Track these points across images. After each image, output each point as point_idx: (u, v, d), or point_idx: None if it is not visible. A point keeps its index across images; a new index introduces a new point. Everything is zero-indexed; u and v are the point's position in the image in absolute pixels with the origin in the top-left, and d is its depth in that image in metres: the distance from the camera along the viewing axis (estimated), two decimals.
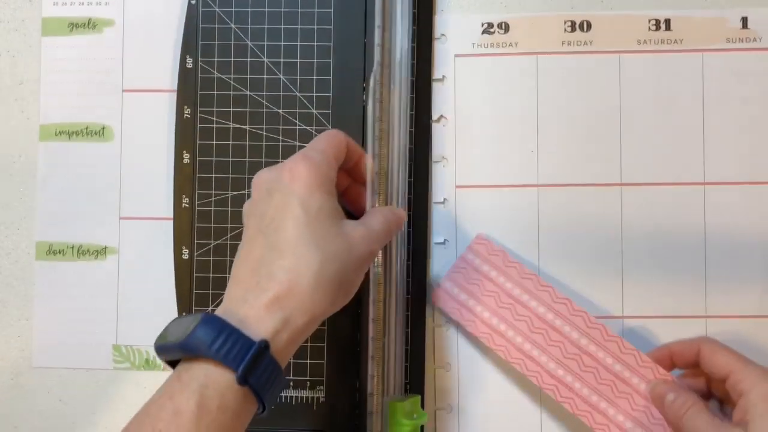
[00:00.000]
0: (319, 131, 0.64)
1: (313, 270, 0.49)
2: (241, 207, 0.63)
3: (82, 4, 0.67)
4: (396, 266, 0.59)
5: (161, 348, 0.49)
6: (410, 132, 0.64)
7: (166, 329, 0.50)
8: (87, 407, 0.66)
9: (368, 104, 0.58)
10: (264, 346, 0.47)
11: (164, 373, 0.65)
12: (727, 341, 0.58)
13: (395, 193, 0.59)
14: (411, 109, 0.63)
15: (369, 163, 0.58)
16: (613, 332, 0.60)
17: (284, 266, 0.49)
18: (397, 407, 0.58)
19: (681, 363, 0.59)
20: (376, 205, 0.57)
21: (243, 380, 0.46)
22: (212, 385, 0.46)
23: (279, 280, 0.48)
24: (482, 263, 0.62)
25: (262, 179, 0.53)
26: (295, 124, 0.65)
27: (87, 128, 0.67)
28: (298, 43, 0.65)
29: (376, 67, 0.58)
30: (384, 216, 0.55)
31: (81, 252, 0.66)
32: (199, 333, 0.47)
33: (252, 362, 0.46)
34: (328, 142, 0.54)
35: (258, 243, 0.51)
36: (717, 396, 0.58)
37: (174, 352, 0.48)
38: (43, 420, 0.66)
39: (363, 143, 0.61)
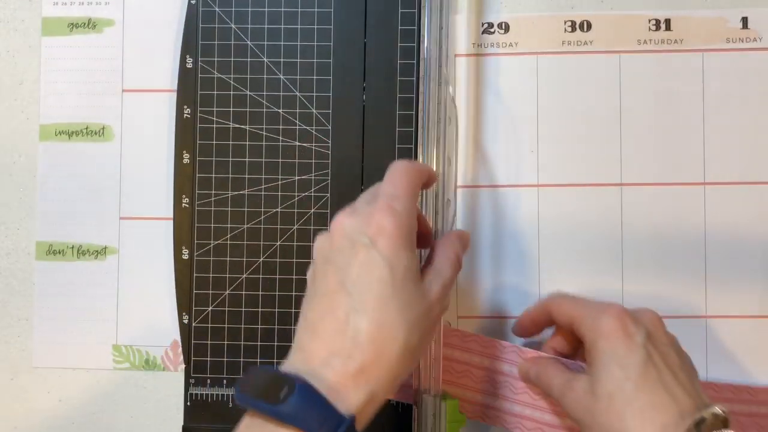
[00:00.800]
0: (320, 131, 0.64)
1: (399, 341, 0.47)
2: (241, 207, 0.64)
3: (82, 4, 0.67)
4: None
5: (247, 401, 0.47)
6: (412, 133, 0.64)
7: (250, 379, 0.48)
8: (87, 407, 0.66)
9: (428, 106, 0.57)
10: (352, 421, 0.45)
11: (164, 374, 0.65)
12: (727, 341, 0.58)
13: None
14: (412, 109, 0.64)
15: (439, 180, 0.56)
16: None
17: (371, 334, 0.46)
18: (455, 405, 0.58)
19: (544, 325, 0.59)
20: (444, 223, 0.56)
21: None
22: None
23: (365, 350, 0.46)
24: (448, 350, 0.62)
25: (345, 225, 0.49)
26: (295, 124, 0.65)
27: (87, 128, 0.67)
28: (298, 43, 0.65)
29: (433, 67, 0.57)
30: (454, 251, 0.53)
31: (81, 252, 0.66)
32: (293, 402, 0.45)
33: None
34: (408, 184, 0.51)
35: (342, 300, 0.48)
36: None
37: (262, 412, 0.46)
38: (43, 420, 0.66)
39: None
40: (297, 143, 0.65)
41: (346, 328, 0.47)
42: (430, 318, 0.49)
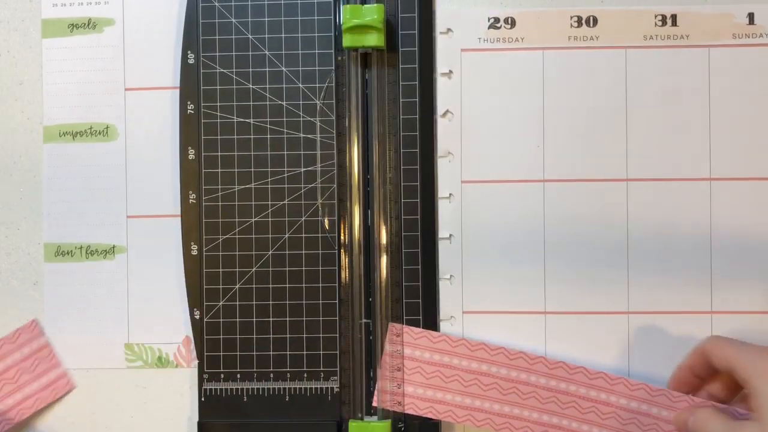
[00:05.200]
0: (324, 122, 0.65)
1: None
2: (248, 201, 0.64)
3: (82, 4, 0.67)
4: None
5: None
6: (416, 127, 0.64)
7: None
8: (87, 407, 0.66)
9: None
10: None
11: (176, 371, 0.65)
12: (732, 337, 0.58)
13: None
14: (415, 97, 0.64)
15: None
16: (613, 375, 0.61)
17: None
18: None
19: (703, 373, 0.58)
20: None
21: None
22: None
23: None
24: (430, 354, 0.63)
25: None
26: (299, 116, 0.65)
27: (91, 128, 0.66)
28: (299, 35, 0.65)
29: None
30: None
31: (89, 252, 0.66)
32: None
33: None
34: None
35: None
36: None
37: None
38: (43, 420, 0.66)
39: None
40: (302, 135, 0.65)
41: None
42: None
